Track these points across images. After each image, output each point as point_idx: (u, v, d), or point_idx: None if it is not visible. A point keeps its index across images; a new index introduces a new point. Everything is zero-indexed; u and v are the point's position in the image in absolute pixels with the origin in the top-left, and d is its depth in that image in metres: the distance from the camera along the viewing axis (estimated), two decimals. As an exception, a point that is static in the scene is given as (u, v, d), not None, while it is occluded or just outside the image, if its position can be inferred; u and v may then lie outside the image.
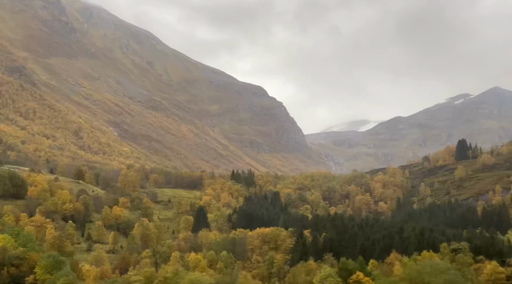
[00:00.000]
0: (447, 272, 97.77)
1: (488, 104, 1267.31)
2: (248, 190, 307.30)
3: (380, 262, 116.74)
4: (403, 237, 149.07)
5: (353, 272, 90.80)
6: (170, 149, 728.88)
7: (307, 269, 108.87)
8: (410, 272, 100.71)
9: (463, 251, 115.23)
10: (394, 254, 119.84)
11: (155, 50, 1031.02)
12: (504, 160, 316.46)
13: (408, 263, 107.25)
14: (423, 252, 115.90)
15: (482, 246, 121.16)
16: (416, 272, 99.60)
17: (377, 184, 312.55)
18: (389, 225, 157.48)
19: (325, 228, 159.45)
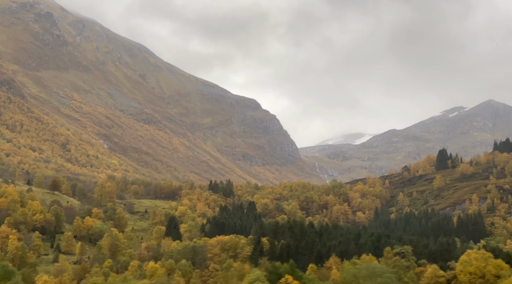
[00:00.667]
0: (383, 275, 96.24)
1: (483, 117, 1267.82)
2: (225, 200, 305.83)
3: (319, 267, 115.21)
4: (359, 243, 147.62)
5: (282, 275, 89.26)
6: (160, 161, 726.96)
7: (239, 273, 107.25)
8: (346, 275, 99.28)
9: (406, 255, 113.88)
10: (333, 258, 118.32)
11: (148, 63, 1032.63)
12: (483, 169, 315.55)
13: (347, 267, 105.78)
14: (363, 255, 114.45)
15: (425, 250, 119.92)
16: (352, 275, 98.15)
17: (355, 194, 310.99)
18: (346, 231, 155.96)
19: (284, 235, 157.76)
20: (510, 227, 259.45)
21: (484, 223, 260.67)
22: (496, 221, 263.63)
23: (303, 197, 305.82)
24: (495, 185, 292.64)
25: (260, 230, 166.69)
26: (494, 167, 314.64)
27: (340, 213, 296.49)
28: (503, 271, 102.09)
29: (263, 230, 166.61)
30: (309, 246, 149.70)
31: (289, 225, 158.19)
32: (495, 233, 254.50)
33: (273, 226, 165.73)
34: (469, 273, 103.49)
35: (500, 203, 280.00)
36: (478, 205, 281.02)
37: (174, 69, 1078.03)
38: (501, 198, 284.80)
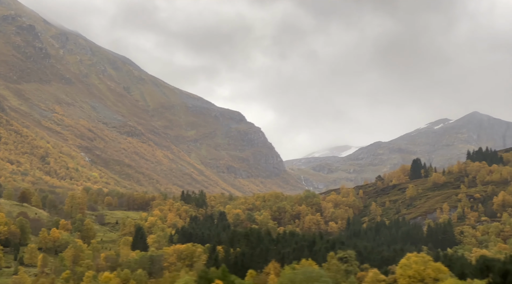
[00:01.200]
0: (320, 279, 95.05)
1: (467, 129, 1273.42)
2: (198, 210, 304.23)
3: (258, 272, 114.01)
4: (314, 250, 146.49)
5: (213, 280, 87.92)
6: (142, 174, 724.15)
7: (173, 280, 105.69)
8: (283, 280, 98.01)
9: (349, 260, 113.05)
10: (272, 263, 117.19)
11: (132, 76, 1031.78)
12: (455, 179, 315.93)
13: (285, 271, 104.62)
14: (302, 260, 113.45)
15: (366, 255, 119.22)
16: (289, 280, 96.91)
17: (328, 203, 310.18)
18: (301, 239, 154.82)
19: (240, 243, 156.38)
20: (479, 236, 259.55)
21: (454, 232, 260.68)
22: (465, 229, 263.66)
23: (275, 207, 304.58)
24: (465, 193, 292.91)
25: (217, 238, 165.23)
26: (466, 176, 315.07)
27: (312, 223, 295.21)
28: (442, 274, 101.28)
29: (220, 238, 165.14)
30: (263, 253, 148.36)
31: (245, 233, 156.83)
32: (464, 242, 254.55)
33: (230, 234, 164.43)
34: (408, 276, 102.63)
35: (470, 211, 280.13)
36: (449, 214, 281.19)
37: (158, 82, 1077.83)
38: (472, 206, 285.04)
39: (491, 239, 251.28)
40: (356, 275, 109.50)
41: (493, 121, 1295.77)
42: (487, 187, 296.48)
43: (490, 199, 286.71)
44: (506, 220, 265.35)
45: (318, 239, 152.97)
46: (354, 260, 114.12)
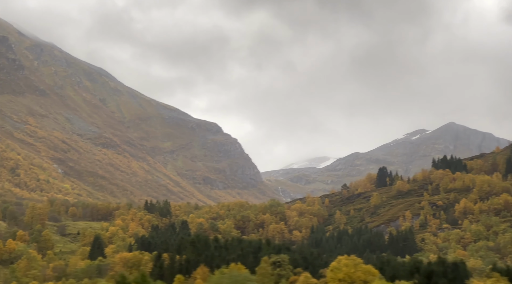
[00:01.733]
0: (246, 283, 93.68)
1: (444, 140, 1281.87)
2: (161, 220, 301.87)
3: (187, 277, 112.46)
4: (259, 256, 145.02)
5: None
6: (116, 185, 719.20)
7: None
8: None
9: (282, 264, 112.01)
10: (201, 268, 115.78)
11: (108, 87, 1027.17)
12: (419, 186, 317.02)
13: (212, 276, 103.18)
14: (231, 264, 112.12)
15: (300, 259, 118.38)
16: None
17: (293, 212, 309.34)
18: (247, 245, 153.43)
19: (186, 250, 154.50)
20: (440, 243, 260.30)
21: (415, 239, 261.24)
22: (426, 236, 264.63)
23: (239, 216, 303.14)
24: (428, 201, 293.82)
25: (164, 246, 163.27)
26: (429, 183, 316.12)
27: (276, 231, 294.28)
28: (372, 276, 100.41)
29: (167, 245, 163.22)
30: (208, 260, 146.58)
31: (191, 240, 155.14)
32: (425, 249, 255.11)
33: (178, 241, 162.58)
34: (338, 279, 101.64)
35: (433, 219, 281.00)
36: (411, 221, 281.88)
37: (134, 93, 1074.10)
38: (434, 214, 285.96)
39: (451, 246, 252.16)
40: (289, 279, 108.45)
41: (469, 131, 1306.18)
42: (450, 194, 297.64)
43: (452, 206, 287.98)
44: (467, 227, 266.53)
45: (264, 245, 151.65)
46: (287, 264, 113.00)
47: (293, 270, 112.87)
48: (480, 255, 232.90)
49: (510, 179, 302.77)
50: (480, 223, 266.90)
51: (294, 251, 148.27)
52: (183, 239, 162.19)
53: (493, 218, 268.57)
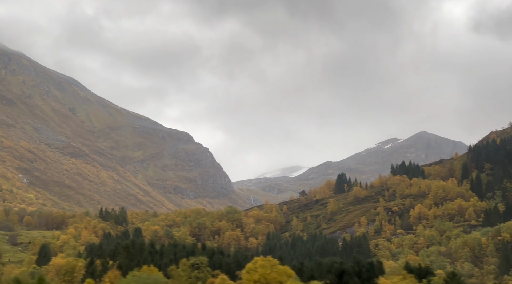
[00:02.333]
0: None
1: (416, 149, 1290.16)
2: (116, 228, 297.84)
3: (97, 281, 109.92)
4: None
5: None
6: (83, 195, 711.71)
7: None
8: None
9: (201, 266, 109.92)
10: (112, 271, 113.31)
11: (77, 96, 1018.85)
12: (376, 193, 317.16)
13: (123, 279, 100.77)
14: (144, 267, 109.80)
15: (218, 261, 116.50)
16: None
17: (250, 219, 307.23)
18: (181, 250, 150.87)
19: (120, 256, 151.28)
20: (393, 248, 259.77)
21: (369, 245, 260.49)
22: (380, 242, 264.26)
23: (195, 223, 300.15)
24: (384, 207, 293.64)
25: (99, 252, 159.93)
26: (386, 189, 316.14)
27: (231, 238, 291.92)
28: (287, 277, 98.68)
29: (102, 251, 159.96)
30: (141, 265, 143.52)
31: (125, 245, 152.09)
32: (378, 254, 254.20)
33: (113, 247, 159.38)
34: (254, 281, 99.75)
35: (388, 224, 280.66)
36: (367, 227, 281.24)
37: (105, 103, 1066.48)
38: (389, 220, 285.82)
39: (404, 251, 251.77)
40: (206, 281, 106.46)
41: (441, 140, 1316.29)
42: (406, 200, 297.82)
43: (408, 211, 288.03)
44: (420, 232, 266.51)
45: (198, 249, 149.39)
46: (206, 266, 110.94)
47: (212, 273, 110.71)
48: (431, 260, 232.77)
49: (465, 184, 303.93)
50: (434, 228, 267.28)
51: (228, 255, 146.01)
52: (118, 244, 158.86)
53: (446, 223, 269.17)
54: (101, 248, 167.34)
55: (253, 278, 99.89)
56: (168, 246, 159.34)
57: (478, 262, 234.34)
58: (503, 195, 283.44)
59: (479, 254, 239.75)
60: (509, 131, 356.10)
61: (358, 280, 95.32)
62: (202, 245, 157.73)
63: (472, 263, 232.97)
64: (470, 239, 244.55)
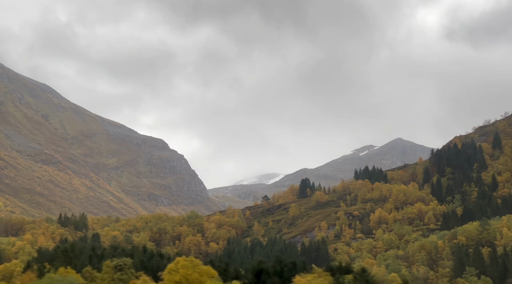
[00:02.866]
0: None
1: (391, 156, 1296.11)
2: (76, 233, 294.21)
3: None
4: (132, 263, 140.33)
5: None
6: (54, 202, 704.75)
7: None
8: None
9: (124, 268, 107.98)
10: (27, 274, 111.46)
11: (51, 103, 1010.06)
12: (338, 197, 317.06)
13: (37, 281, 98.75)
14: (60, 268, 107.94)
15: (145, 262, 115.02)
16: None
17: (211, 224, 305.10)
18: (121, 253, 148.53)
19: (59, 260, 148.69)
20: (352, 252, 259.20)
21: (328, 249, 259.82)
22: (339, 246, 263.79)
23: (156, 228, 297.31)
24: (345, 211, 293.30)
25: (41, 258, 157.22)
26: (349, 194, 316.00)
27: (192, 243, 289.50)
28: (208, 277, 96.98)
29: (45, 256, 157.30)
30: (78, 268, 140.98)
31: (63, 248, 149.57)
32: (337, 259, 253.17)
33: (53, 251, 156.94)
34: (175, 281, 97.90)
35: (348, 229, 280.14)
36: (327, 232, 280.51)
37: (79, 110, 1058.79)
38: (350, 224, 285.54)
39: (363, 255, 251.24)
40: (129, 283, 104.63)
41: (416, 147, 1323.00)
42: (367, 204, 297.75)
43: (368, 216, 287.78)
44: (380, 236, 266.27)
45: (137, 252, 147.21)
46: (129, 268, 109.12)
47: (135, 274, 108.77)
48: (387, 264, 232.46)
49: (426, 188, 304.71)
50: (393, 232, 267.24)
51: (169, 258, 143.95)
52: (57, 248, 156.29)
53: (405, 227, 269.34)
54: (43, 254, 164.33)
55: (174, 278, 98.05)
56: (109, 249, 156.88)
57: (434, 265, 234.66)
58: (462, 199, 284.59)
59: (436, 257, 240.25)
60: (472, 136, 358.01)
61: (276, 279, 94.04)
62: (143, 248, 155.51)
63: (428, 266, 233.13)
64: (427, 242, 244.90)
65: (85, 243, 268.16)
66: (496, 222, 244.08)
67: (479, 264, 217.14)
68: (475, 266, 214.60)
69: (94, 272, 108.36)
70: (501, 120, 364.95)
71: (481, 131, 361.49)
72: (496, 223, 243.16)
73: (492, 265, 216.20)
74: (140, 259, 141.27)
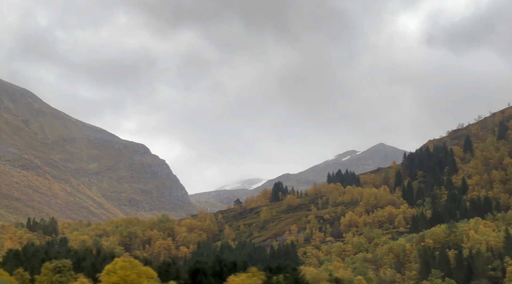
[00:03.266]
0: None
1: (374, 161, 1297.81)
2: (44, 238, 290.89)
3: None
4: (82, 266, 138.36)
5: None
6: (32, 207, 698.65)
7: None
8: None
9: (63, 270, 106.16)
10: None
11: (31, 108, 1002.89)
12: (309, 201, 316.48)
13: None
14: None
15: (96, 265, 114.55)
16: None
17: (182, 228, 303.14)
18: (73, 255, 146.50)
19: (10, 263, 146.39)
20: (321, 256, 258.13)
21: (297, 253, 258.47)
22: (308, 250, 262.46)
23: (126, 232, 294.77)
24: (316, 215, 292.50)
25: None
26: (320, 197, 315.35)
27: (162, 247, 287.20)
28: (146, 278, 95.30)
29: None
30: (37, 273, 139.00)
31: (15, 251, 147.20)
32: (306, 262, 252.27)
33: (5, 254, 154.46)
34: (112, 283, 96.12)
35: (318, 232, 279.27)
36: (297, 235, 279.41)
37: (59, 115, 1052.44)
38: (320, 227, 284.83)
39: (332, 259, 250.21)
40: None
41: (398, 152, 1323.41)
42: (338, 207, 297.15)
43: (339, 219, 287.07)
44: (349, 240, 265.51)
45: (91, 255, 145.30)
46: (69, 270, 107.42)
47: (74, 276, 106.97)
48: (355, 267, 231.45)
49: (397, 191, 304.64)
50: (363, 236, 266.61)
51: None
52: (10, 251, 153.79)
53: (375, 230, 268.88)
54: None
55: (112, 280, 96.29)
56: (63, 252, 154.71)
57: (402, 268, 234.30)
58: (432, 202, 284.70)
59: (403, 260, 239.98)
60: (445, 139, 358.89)
61: (212, 279, 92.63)
62: (97, 250, 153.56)
63: (396, 269, 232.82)
64: (395, 245, 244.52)
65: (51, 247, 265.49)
66: (463, 225, 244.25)
67: (445, 266, 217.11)
68: (441, 269, 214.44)
69: (26, 274, 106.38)
70: (474, 124, 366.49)
71: (454, 135, 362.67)
72: (464, 225, 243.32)
73: (457, 267, 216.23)
74: (92, 261, 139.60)
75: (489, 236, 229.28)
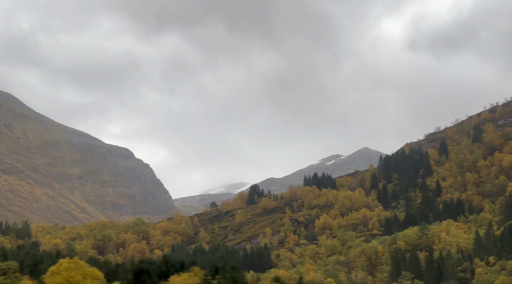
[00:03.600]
0: None
1: (358, 165, 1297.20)
2: (17, 241, 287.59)
3: None
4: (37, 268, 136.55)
5: None
6: (13, 211, 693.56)
7: None
8: None
9: (8, 272, 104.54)
10: None
11: (14, 112, 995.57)
12: (284, 204, 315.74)
13: None
14: None
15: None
16: None
17: (157, 231, 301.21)
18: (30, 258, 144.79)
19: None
20: (295, 258, 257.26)
21: (270, 255, 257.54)
22: (282, 253, 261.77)
23: (100, 236, 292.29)
24: (290, 218, 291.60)
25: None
26: (295, 200, 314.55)
27: (136, 251, 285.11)
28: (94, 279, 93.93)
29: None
30: None
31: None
32: (279, 265, 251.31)
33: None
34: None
35: (292, 235, 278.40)
36: (271, 238, 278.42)
37: (42, 119, 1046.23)
38: (294, 230, 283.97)
39: (305, 261, 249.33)
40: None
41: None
42: (312, 210, 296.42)
43: (314, 222, 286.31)
44: (323, 242, 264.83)
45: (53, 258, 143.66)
46: (15, 272, 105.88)
47: (20, 278, 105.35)
48: (327, 269, 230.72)
49: (372, 194, 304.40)
50: (337, 238, 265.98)
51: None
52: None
53: (349, 233, 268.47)
54: None
55: (56, 281, 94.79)
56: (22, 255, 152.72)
57: (374, 270, 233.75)
58: (406, 204, 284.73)
59: (375, 262, 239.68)
60: (422, 142, 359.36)
61: (156, 279, 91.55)
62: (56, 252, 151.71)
63: (368, 271, 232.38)
64: (368, 247, 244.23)
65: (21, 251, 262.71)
66: (435, 227, 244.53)
67: (416, 268, 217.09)
68: (411, 271, 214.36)
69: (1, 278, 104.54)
70: (451, 127, 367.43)
71: (431, 137, 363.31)
72: (436, 227, 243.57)
73: (428, 269, 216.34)
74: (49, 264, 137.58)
75: (460, 238, 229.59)
